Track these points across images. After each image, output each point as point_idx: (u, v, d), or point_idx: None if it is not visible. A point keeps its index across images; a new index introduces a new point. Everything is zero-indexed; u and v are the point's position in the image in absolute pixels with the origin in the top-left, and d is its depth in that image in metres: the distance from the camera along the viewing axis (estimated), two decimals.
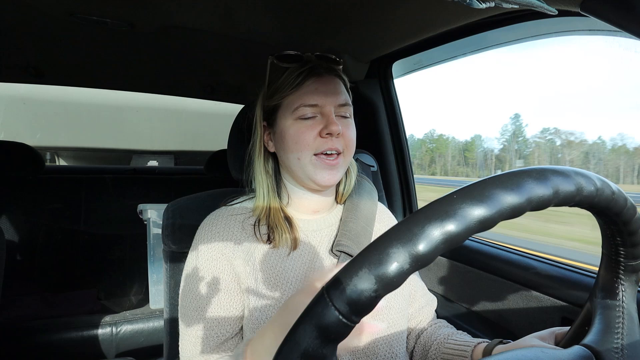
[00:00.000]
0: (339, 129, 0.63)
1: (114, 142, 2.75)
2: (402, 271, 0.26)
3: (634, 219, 0.34)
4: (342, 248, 0.67)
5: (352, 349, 0.63)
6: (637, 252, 0.36)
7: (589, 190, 0.31)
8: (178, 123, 2.79)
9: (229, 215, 0.69)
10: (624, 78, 36.75)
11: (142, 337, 1.61)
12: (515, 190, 0.28)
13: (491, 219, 0.27)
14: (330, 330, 0.26)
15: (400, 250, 0.26)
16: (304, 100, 0.64)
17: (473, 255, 1.08)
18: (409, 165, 1.40)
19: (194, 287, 0.66)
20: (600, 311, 0.39)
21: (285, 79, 0.66)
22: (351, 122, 0.69)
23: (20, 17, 0.99)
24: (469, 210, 0.27)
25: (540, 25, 0.91)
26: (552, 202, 0.29)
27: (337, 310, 0.26)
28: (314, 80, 0.65)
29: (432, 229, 0.26)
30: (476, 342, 0.64)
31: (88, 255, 1.91)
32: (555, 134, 11.19)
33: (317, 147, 0.64)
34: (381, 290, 0.26)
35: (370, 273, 0.26)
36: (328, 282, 0.27)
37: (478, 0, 0.39)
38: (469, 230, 0.27)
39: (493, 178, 0.29)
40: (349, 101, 0.68)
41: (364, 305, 0.26)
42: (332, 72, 0.68)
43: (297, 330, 0.27)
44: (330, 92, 0.65)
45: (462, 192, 0.28)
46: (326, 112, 0.64)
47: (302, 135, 0.64)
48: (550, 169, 0.30)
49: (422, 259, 0.26)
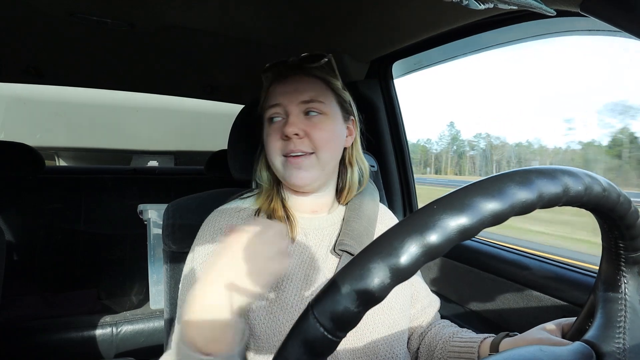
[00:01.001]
0: (295, 129, 0.63)
1: (114, 143, 2.75)
2: (383, 286, 0.26)
3: (629, 213, 0.34)
4: (344, 247, 0.67)
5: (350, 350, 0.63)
6: (637, 244, 0.36)
7: (576, 190, 0.30)
8: (178, 123, 2.79)
9: (232, 213, 0.70)
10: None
11: (142, 337, 1.61)
12: (497, 196, 0.27)
13: (472, 229, 0.27)
14: (316, 345, 0.26)
15: (380, 265, 0.26)
16: (268, 102, 0.67)
17: (473, 255, 1.08)
18: (409, 165, 1.40)
19: (195, 285, 0.65)
20: (603, 304, 0.39)
21: (263, 89, 0.71)
22: (321, 121, 0.65)
23: (20, 17, 0.99)
24: (448, 221, 0.27)
25: (540, 26, 0.91)
26: (536, 205, 0.29)
27: (322, 326, 0.26)
28: (278, 82, 0.67)
29: (412, 243, 0.26)
30: (482, 338, 0.64)
31: (88, 256, 1.91)
32: (486, 138, 11.52)
33: (283, 149, 0.65)
34: (363, 305, 0.26)
35: (352, 289, 0.26)
36: (313, 298, 0.28)
37: (477, 1, 0.39)
38: (450, 241, 0.27)
39: (474, 185, 0.28)
40: (317, 97, 0.65)
41: (347, 320, 0.26)
42: (300, 71, 0.67)
43: (286, 347, 0.27)
44: (291, 90, 0.65)
45: (442, 201, 0.28)
46: (288, 112, 0.65)
47: (269, 138, 0.66)
48: (535, 170, 0.29)
49: (403, 272, 0.26)
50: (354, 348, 0.63)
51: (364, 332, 0.64)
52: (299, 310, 0.62)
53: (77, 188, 1.93)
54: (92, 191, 1.95)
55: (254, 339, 0.62)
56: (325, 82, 0.68)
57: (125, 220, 1.89)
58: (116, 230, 1.96)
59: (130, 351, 1.58)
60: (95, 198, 1.95)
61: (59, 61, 1.35)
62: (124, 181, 2.03)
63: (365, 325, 0.64)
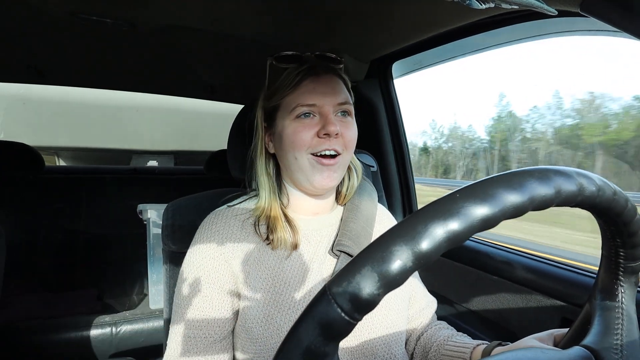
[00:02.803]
0: (337, 129, 0.63)
1: (114, 142, 2.75)
2: (404, 269, 0.26)
3: (635, 220, 0.34)
4: (342, 248, 0.67)
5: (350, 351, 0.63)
6: (637, 253, 0.36)
7: (590, 191, 0.31)
8: (178, 123, 2.80)
9: (229, 215, 0.69)
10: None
11: (142, 337, 1.60)
12: (518, 189, 0.28)
13: (494, 218, 0.27)
14: (333, 327, 0.26)
15: (403, 248, 0.26)
16: (302, 100, 0.64)
17: (473, 255, 1.08)
18: (409, 166, 1.40)
19: (188, 286, 0.65)
20: (600, 312, 0.40)
21: (284, 80, 0.66)
22: (351, 122, 0.68)
23: (21, 17, 0.99)
24: (471, 209, 0.27)
25: (540, 26, 0.91)
26: (554, 202, 0.29)
27: (340, 307, 0.26)
28: (311, 79, 0.65)
29: (435, 228, 0.26)
30: (475, 344, 0.64)
31: (88, 255, 1.91)
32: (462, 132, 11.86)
33: (315, 147, 0.63)
34: (384, 288, 0.26)
35: (373, 271, 0.26)
36: (331, 279, 0.27)
37: (478, 1, 0.39)
38: (472, 228, 0.27)
39: (496, 177, 0.29)
40: (349, 100, 0.68)
41: (366, 302, 0.26)
42: (330, 71, 0.67)
43: (299, 328, 0.27)
44: (329, 91, 0.65)
45: (464, 190, 0.28)
46: (324, 112, 0.64)
47: (299, 134, 0.63)
48: (553, 170, 0.30)
49: (425, 257, 0.26)
50: (352, 348, 0.63)
51: (362, 332, 0.64)
52: (297, 312, 0.61)
53: (77, 188, 1.93)
54: (92, 191, 1.95)
55: (252, 341, 0.61)
56: (345, 83, 0.69)
57: (125, 220, 1.89)
58: (116, 230, 1.96)
59: (130, 351, 1.58)
60: (95, 198, 1.95)
61: (59, 61, 1.35)
62: (124, 181, 2.03)
63: (363, 325, 0.64)
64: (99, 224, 1.94)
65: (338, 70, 0.69)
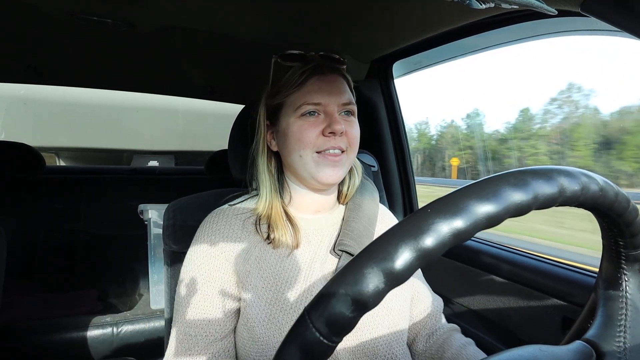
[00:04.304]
0: (342, 127, 0.64)
1: (115, 143, 2.75)
2: (377, 291, 0.26)
3: (628, 211, 0.34)
4: (344, 247, 0.67)
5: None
6: (636, 242, 0.36)
7: (572, 190, 0.30)
8: (178, 123, 2.80)
9: (230, 214, 0.69)
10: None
11: (142, 337, 1.60)
12: (492, 199, 0.27)
13: (466, 232, 0.27)
14: (313, 350, 0.27)
15: (375, 270, 0.26)
16: (307, 98, 0.64)
17: (473, 255, 1.08)
18: (410, 165, 1.40)
19: (189, 285, 0.65)
20: (603, 302, 0.39)
21: (289, 78, 0.66)
22: (355, 122, 0.69)
23: (21, 18, 0.99)
24: (442, 225, 0.27)
25: (540, 26, 0.91)
26: (532, 206, 0.29)
27: (317, 331, 0.26)
28: (317, 78, 0.65)
29: (406, 247, 0.26)
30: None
31: (89, 256, 1.91)
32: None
33: (320, 145, 0.64)
34: (358, 310, 0.26)
35: (347, 294, 0.26)
36: (309, 303, 0.28)
37: (478, 1, 0.39)
38: (444, 245, 0.27)
39: (468, 187, 0.28)
40: (352, 100, 0.69)
41: (342, 326, 0.26)
42: (335, 71, 0.68)
43: (282, 351, 0.28)
44: (334, 90, 0.65)
45: (436, 205, 0.28)
46: (329, 111, 0.65)
47: (304, 132, 0.64)
48: (530, 171, 0.29)
49: (398, 277, 0.26)
50: (354, 348, 0.63)
51: (363, 332, 0.64)
52: (298, 311, 0.61)
53: (78, 188, 1.93)
54: (93, 191, 1.95)
55: (253, 341, 0.62)
56: (348, 84, 0.70)
57: (125, 221, 1.89)
58: (116, 231, 1.96)
59: (131, 351, 1.58)
60: (95, 198, 1.95)
61: (59, 61, 1.35)
62: (125, 181, 2.03)
63: (364, 325, 0.64)
64: (100, 224, 1.94)
65: (342, 70, 0.70)
